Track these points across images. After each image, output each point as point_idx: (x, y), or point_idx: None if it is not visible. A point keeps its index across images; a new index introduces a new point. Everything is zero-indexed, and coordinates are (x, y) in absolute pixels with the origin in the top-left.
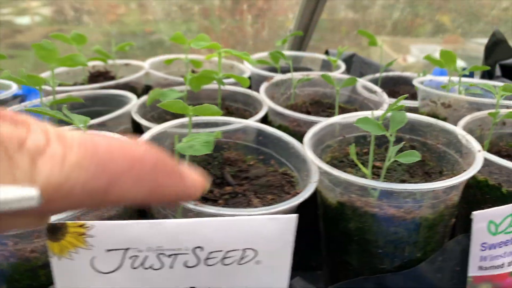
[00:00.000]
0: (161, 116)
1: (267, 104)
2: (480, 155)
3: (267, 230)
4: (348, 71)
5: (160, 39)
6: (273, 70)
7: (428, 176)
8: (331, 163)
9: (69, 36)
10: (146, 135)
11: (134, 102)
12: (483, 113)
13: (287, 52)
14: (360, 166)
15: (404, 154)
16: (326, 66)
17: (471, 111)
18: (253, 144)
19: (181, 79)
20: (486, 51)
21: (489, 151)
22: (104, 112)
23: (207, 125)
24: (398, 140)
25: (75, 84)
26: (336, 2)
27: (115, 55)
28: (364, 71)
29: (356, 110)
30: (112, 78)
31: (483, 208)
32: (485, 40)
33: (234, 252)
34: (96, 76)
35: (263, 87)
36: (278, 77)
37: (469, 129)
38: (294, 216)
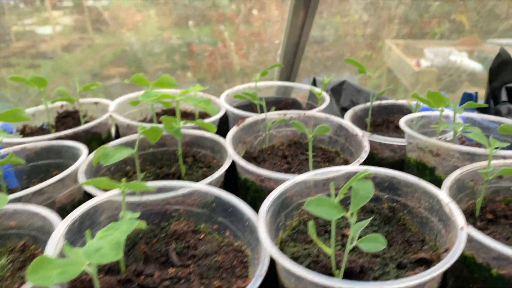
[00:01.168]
0: (120, 167)
1: (231, 156)
2: (463, 234)
3: None
4: (338, 99)
5: (178, 43)
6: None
7: (408, 246)
8: (297, 228)
9: (29, 78)
10: (75, 213)
11: (81, 160)
12: (475, 166)
13: (272, 83)
14: (321, 245)
15: (368, 238)
16: (314, 95)
17: (463, 161)
18: (206, 211)
19: (143, 124)
20: (491, 74)
21: (483, 209)
22: (58, 166)
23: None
24: (376, 199)
25: (41, 126)
26: (350, 4)
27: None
28: (356, 99)
29: (337, 153)
30: (79, 119)
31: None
32: (504, 41)
33: None
34: (64, 117)
35: (231, 133)
36: (250, 119)
37: (460, 184)
38: None
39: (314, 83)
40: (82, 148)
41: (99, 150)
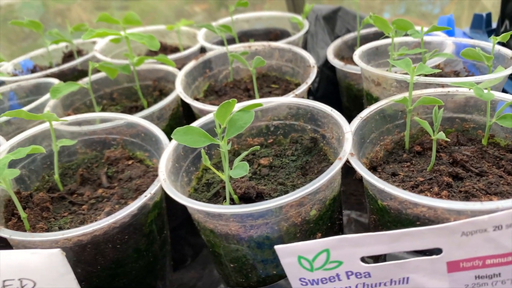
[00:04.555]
0: (96, 102)
1: (177, 91)
2: (337, 164)
3: (35, 263)
4: (332, 28)
5: None
6: (232, 39)
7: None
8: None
9: (26, 22)
10: (14, 140)
11: (48, 96)
12: (400, 96)
13: (254, 14)
14: (216, 172)
15: (237, 166)
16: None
17: (402, 90)
18: (139, 141)
19: (125, 61)
20: None
21: (416, 140)
22: None
23: (89, 123)
24: (301, 130)
25: (50, 65)
26: None
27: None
28: (352, 28)
29: (298, 84)
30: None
31: (371, 218)
32: None
33: (11, 282)
34: (69, 56)
35: (185, 68)
36: (210, 53)
37: (387, 115)
38: (57, 251)
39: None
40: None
41: (53, 87)
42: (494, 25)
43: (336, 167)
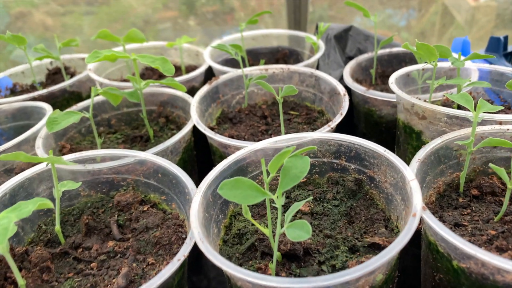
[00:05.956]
0: (91, 129)
1: (194, 121)
2: (413, 222)
3: None
4: (343, 47)
5: None
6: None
7: (370, 224)
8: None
9: (7, 36)
10: (6, 185)
11: (40, 125)
12: (458, 135)
13: (261, 31)
14: (258, 225)
15: (295, 224)
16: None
17: (452, 126)
18: (154, 181)
19: (122, 83)
20: None
21: (471, 183)
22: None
23: (94, 160)
24: (342, 170)
25: (32, 84)
26: None
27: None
28: (363, 47)
29: (320, 112)
30: (73, 74)
31: (435, 277)
32: None
33: None
34: (54, 74)
35: (199, 93)
36: (225, 76)
37: (442, 155)
38: None
39: (316, 29)
40: (47, 110)
41: (49, 116)
42: (510, 48)
43: (412, 226)
